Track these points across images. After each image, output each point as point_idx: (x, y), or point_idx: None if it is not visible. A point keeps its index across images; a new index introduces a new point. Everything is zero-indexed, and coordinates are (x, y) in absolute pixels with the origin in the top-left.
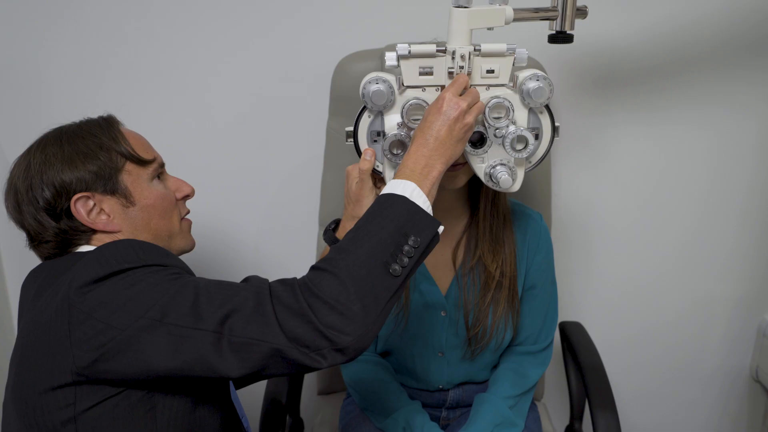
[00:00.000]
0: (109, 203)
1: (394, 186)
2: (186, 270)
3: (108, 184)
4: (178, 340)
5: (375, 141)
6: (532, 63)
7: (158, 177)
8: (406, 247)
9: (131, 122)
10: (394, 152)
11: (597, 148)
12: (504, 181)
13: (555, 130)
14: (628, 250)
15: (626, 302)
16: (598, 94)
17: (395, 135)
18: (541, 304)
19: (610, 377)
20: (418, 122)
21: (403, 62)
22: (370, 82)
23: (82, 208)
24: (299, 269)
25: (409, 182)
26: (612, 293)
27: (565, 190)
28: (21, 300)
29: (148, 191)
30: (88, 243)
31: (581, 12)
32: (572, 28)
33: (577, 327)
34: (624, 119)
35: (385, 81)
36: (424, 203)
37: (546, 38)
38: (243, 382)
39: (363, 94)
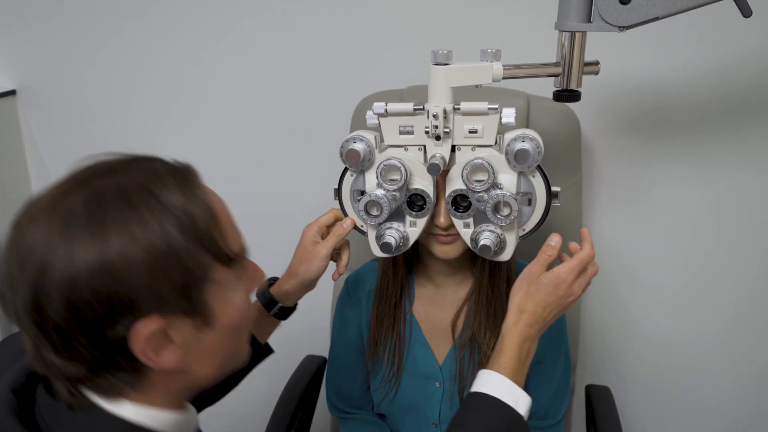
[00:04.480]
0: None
1: (495, 386)
2: None
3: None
4: None
5: (358, 200)
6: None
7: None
8: None
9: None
10: (372, 213)
11: (636, 196)
12: (482, 249)
13: (551, 194)
14: (670, 310)
15: (666, 368)
16: (637, 136)
17: (370, 196)
18: (549, 379)
19: None
20: (394, 182)
21: (382, 121)
22: (347, 141)
23: None
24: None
25: (515, 386)
26: (650, 356)
27: (600, 241)
28: None
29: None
30: None
31: (591, 67)
32: (579, 85)
33: (604, 392)
34: (668, 165)
35: (362, 140)
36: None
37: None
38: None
39: (340, 153)
